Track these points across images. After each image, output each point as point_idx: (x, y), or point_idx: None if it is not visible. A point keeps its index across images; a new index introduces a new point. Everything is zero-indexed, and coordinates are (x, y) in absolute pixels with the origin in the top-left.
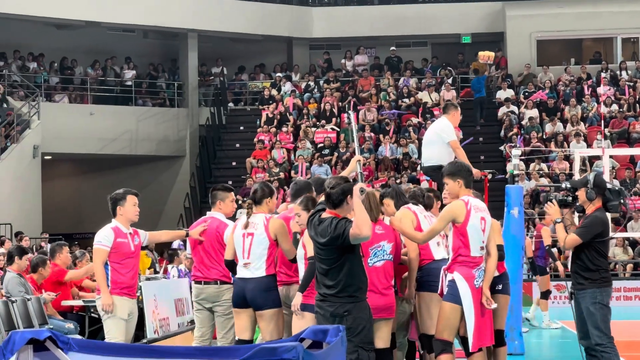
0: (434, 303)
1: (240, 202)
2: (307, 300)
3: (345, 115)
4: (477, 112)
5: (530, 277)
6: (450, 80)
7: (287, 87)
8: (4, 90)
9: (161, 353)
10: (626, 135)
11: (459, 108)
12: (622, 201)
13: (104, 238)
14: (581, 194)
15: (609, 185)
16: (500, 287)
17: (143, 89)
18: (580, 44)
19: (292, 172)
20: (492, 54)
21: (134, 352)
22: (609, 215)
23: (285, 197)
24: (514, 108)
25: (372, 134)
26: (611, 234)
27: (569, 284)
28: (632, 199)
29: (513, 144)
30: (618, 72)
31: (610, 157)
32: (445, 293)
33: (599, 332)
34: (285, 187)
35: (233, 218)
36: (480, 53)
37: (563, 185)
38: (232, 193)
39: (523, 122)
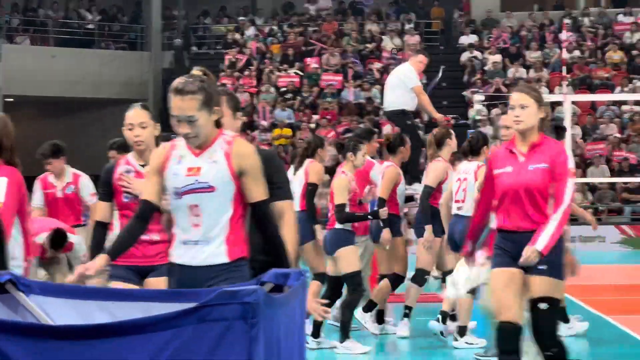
0: None
1: None
2: None
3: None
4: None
5: None
6: (412, 25)
7: (250, 31)
8: None
9: (124, 296)
10: (587, 82)
11: (426, 56)
12: None
13: None
14: None
15: None
16: None
17: (106, 31)
18: None
19: (255, 116)
20: None
21: (98, 295)
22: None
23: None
24: (477, 53)
25: (335, 78)
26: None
27: None
28: (592, 144)
29: (476, 90)
30: (580, 19)
31: (573, 103)
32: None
33: None
34: (248, 131)
35: None
36: None
37: None
38: None
39: (486, 68)
